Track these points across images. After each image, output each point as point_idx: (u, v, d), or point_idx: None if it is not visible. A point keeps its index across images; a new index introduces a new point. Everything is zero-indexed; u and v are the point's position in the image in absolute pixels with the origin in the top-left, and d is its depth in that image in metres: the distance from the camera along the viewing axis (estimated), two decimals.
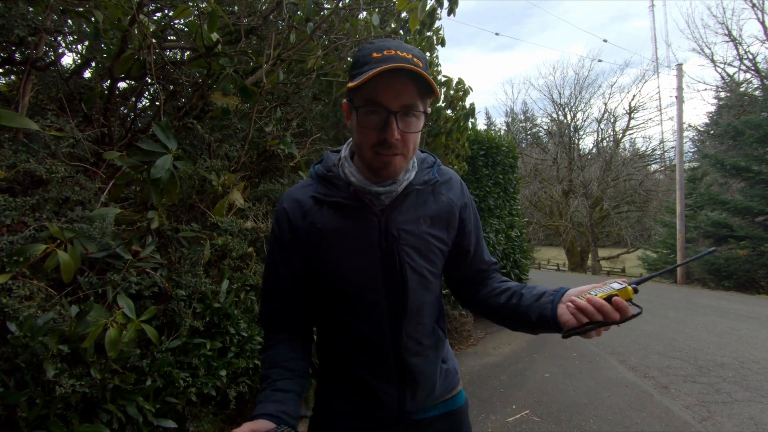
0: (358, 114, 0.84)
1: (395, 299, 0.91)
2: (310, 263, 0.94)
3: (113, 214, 1.68)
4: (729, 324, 6.30)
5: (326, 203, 0.93)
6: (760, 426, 2.98)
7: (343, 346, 0.96)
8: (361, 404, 0.96)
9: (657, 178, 25.31)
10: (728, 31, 17.56)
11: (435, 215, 0.95)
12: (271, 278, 0.99)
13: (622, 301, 0.79)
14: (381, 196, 0.90)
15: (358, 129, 0.86)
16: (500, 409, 3.34)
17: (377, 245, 0.90)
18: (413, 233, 0.92)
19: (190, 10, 1.92)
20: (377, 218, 0.90)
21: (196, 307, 2.14)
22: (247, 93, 2.21)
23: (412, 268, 0.91)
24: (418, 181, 0.94)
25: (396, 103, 0.81)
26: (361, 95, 0.83)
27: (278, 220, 0.96)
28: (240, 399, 2.37)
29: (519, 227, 7.31)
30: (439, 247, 0.96)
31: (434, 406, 1.01)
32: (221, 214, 2.21)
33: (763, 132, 11.98)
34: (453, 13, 2.95)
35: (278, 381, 0.89)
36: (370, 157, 0.86)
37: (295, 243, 0.94)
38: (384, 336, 0.92)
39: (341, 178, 0.93)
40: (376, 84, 0.80)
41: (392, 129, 0.81)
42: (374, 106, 0.82)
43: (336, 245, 0.91)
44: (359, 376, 0.95)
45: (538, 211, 24.97)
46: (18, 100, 1.76)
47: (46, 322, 1.48)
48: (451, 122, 3.82)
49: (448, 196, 0.99)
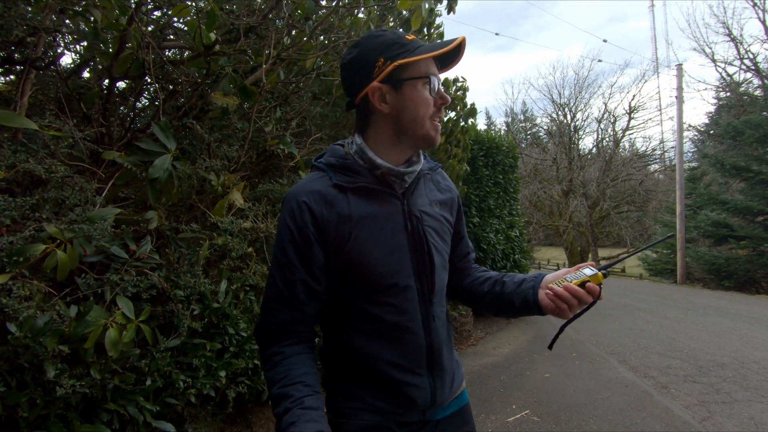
0: (413, 88, 0.91)
1: (424, 281, 0.94)
2: (339, 255, 0.89)
3: (113, 215, 1.68)
4: (729, 324, 6.30)
5: (350, 189, 0.91)
6: (760, 426, 2.98)
7: (371, 345, 0.91)
8: (385, 409, 0.91)
9: (657, 178, 25.31)
10: (729, 30, 17.57)
11: (442, 200, 1.03)
12: (280, 283, 0.91)
13: (595, 286, 0.86)
14: (405, 177, 0.94)
15: (414, 100, 0.91)
16: (500, 409, 3.34)
17: (403, 227, 0.93)
18: (432, 215, 0.98)
19: (188, 8, 1.92)
20: (400, 201, 0.94)
21: (195, 307, 2.14)
22: (247, 93, 2.20)
23: (436, 249, 0.96)
24: (425, 167, 1.01)
25: (440, 73, 0.95)
26: (409, 70, 0.90)
27: (296, 216, 0.89)
28: (239, 400, 2.37)
29: (519, 227, 7.31)
30: (448, 229, 1.03)
31: (450, 403, 1.01)
32: (221, 214, 2.20)
33: (763, 132, 11.99)
34: (452, 11, 2.94)
35: (305, 398, 0.82)
36: (430, 126, 0.92)
37: (321, 236, 0.89)
38: (417, 322, 0.92)
39: (360, 164, 0.93)
40: (428, 59, 0.90)
41: (446, 93, 0.91)
42: (428, 77, 0.90)
43: (366, 231, 0.90)
44: (387, 376, 0.90)
45: (538, 211, 24.95)
46: (17, 100, 1.76)
47: (46, 322, 1.48)
48: (452, 122, 3.82)
49: (446, 184, 1.08)
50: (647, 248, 1.20)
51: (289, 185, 2.69)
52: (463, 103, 3.97)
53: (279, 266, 0.91)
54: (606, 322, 6.52)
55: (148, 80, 2.31)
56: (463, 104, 3.97)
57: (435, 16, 2.99)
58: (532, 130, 30.75)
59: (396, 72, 0.89)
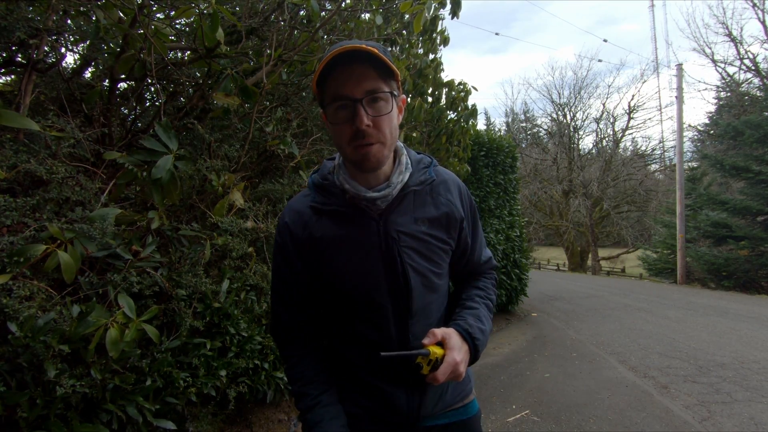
0: (329, 114, 0.86)
1: (400, 301, 0.91)
2: (314, 273, 0.95)
3: (113, 215, 1.68)
4: (729, 324, 6.30)
5: (324, 212, 0.93)
6: (760, 426, 2.98)
7: (350, 352, 0.97)
8: (370, 407, 0.96)
9: (657, 178, 25.30)
10: (729, 30, 17.57)
11: (434, 217, 0.95)
12: (280, 289, 0.99)
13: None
14: (377, 202, 0.89)
15: (332, 128, 0.87)
16: (500, 409, 3.34)
17: (378, 249, 0.90)
18: (413, 235, 0.92)
19: (192, 10, 1.92)
20: (375, 222, 0.90)
21: (197, 306, 2.14)
22: (248, 93, 2.21)
23: (413, 269, 0.91)
24: (414, 182, 0.94)
25: (359, 90, 0.81)
26: (326, 95, 0.85)
27: (281, 233, 0.97)
28: (240, 399, 2.37)
29: (519, 227, 7.31)
30: (441, 247, 0.96)
31: (445, 413, 1.00)
32: (221, 214, 2.21)
33: (763, 132, 11.98)
34: (456, 16, 2.96)
35: (322, 395, 0.93)
36: (350, 152, 0.85)
37: (299, 254, 0.95)
38: (390, 339, 0.92)
39: (336, 186, 0.92)
40: (336, 78, 0.82)
41: (361, 116, 0.81)
42: (340, 100, 0.82)
43: (337, 253, 0.91)
44: (368, 381, 0.95)
45: (538, 211, 24.96)
46: (19, 101, 1.76)
47: (46, 322, 1.48)
48: (453, 123, 3.83)
49: (447, 197, 0.98)
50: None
51: (289, 185, 2.69)
52: (464, 104, 3.97)
53: (275, 273, 1.00)
54: (606, 322, 6.52)
55: (149, 81, 2.31)
56: (464, 106, 3.97)
57: (438, 20, 3.00)
58: (533, 130, 30.77)
59: (320, 99, 0.89)
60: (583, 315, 7.24)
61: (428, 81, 3.49)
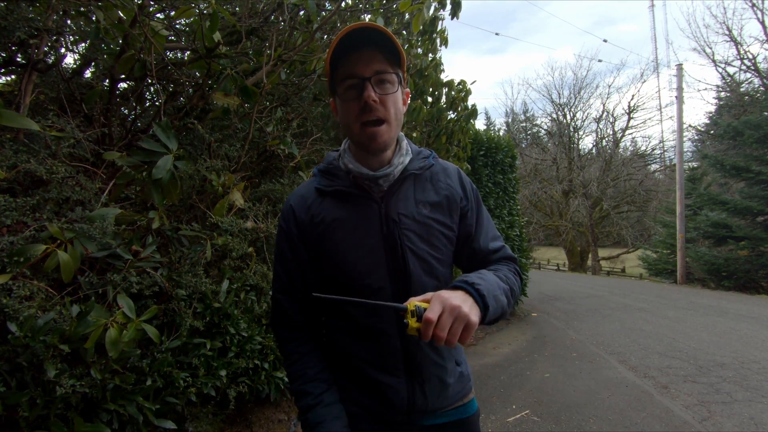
0: (339, 93, 0.90)
1: (400, 285, 0.92)
2: (317, 255, 0.96)
3: (113, 215, 1.68)
4: (729, 324, 6.30)
5: (328, 193, 0.96)
6: (760, 426, 2.98)
7: (349, 343, 0.96)
8: (369, 405, 0.95)
9: (657, 178, 25.30)
10: (729, 31, 17.55)
11: (435, 201, 0.98)
12: (282, 276, 0.99)
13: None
14: (379, 181, 0.93)
15: (342, 107, 0.91)
16: (500, 409, 3.34)
17: (379, 231, 0.92)
18: (414, 218, 0.94)
19: (191, 10, 1.92)
20: (377, 204, 0.93)
21: (197, 306, 2.14)
22: (248, 93, 2.21)
23: (413, 252, 0.93)
24: (414, 166, 0.98)
25: (368, 69, 0.87)
26: (337, 76, 0.90)
27: (285, 217, 0.99)
28: (240, 399, 2.37)
29: (519, 227, 7.31)
30: (442, 232, 0.97)
31: (445, 412, 0.99)
32: (221, 214, 2.21)
33: (763, 132, 11.98)
34: (456, 17, 2.96)
35: (323, 395, 0.93)
36: (358, 131, 0.89)
37: (302, 237, 0.97)
38: (390, 324, 0.92)
39: (341, 168, 0.97)
40: (348, 59, 0.88)
41: (369, 91, 0.86)
42: (350, 78, 0.88)
43: (339, 233, 0.93)
44: (366, 373, 0.95)
45: (538, 211, 24.95)
46: (19, 101, 1.76)
47: (46, 322, 1.48)
48: (453, 123, 3.83)
49: (447, 182, 1.02)
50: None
51: (289, 185, 2.69)
52: (464, 104, 3.97)
53: (278, 259, 1.00)
54: (606, 322, 6.52)
55: (149, 81, 2.31)
56: (464, 106, 3.97)
57: (438, 20, 3.01)
58: (532, 130, 30.78)
59: (331, 85, 0.93)
60: (583, 315, 7.24)
61: (428, 81, 3.50)
